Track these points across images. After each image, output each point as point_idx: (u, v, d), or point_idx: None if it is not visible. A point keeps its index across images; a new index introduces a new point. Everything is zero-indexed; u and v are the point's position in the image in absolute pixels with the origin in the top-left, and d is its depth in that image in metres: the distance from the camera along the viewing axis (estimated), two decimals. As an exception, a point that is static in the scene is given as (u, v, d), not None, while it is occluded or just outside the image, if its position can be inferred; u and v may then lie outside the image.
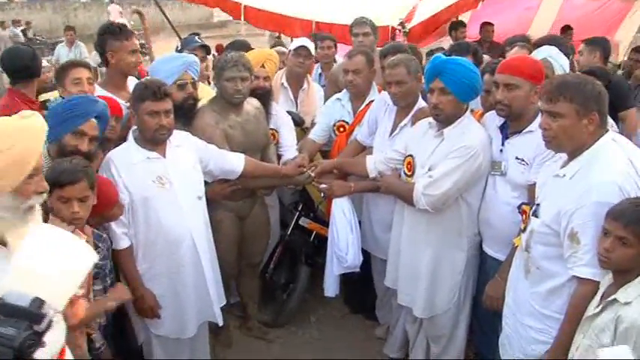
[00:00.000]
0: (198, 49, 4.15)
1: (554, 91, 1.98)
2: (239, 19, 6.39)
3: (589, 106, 1.95)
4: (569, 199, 1.97)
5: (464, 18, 7.12)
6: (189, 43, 4.35)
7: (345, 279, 3.32)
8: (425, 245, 2.75)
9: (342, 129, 3.50)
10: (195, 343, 2.91)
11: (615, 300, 1.78)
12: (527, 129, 2.47)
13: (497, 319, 2.45)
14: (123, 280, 2.60)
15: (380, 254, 3.26)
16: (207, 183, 2.87)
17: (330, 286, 3.19)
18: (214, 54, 6.77)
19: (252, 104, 3.20)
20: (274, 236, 3.68)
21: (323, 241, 3.36)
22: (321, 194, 3.32)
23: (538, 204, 2.15)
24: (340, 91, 3.60)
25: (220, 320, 2.88)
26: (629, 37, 7.63)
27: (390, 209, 3.01)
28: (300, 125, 3.77)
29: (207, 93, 3.35)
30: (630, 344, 1.67)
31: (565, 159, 2.09)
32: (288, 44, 5.28)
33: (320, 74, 4.53)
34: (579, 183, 1.96)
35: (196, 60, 3.13)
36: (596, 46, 4.11)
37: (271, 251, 3.70)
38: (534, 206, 2.18)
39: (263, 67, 3.42)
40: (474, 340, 3.07)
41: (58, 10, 22.31)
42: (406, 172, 2.80)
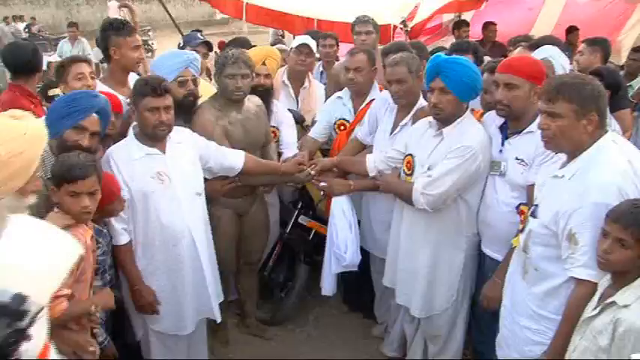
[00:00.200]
0: (200, 45, 4.16)
1: (553, 92, 1.97)
2: (240, 18, 6.38)
3: (588, 107, 1.94)
4: (567, 199, 1.96)
5: (466, 17, 7.11)
6: (191, 39, 4.36)
7: (344, 277, 3.31)
8: (423, 245, 2.74)
9: (342, 127, 3.50)
10: (193, 339, 2.91)
11: (614, 302, 1.78)
12: (527, 129, 2.46)
13: (494, 319, 2.45)
14: (122, 276, 2.61)
15: (379, 253, 3.25)
16: (206, 179, 2.87)
17: (328, 285, 3.19)
18: (216, 51, 6.77)
19: (253, 102, 3.20)
20: (274, 235, 3.68)
21: (322, 240, 3.36)
22: (321, 192, 3.32)
23: (537, 204, 2.15)
24: (341, 89, 3.60)
25: (218, 317, 2.88)
26: (632, 39, 7.59)
27: (390, 208, 3.00)
28: (301, 123, 3.77)
29: (207, 90, 3.35)
30: (629, 347, 1.67)
31: (564, 160, 2.08)
32: (290, 42, 5.27)
33: (322, 72, 4.52)
34: (578, 184, 1.95)
35: (197, 57, 3.13)
36: (597, 47, 4.09)
37: (270, 249, 3.70)
38: (533, 207, 2.17)
39: (264, 64, 3.42)
40: (471, 340, 3.07)
41: (61, 6, 22.33)
42: (405, 171, 2.80)
